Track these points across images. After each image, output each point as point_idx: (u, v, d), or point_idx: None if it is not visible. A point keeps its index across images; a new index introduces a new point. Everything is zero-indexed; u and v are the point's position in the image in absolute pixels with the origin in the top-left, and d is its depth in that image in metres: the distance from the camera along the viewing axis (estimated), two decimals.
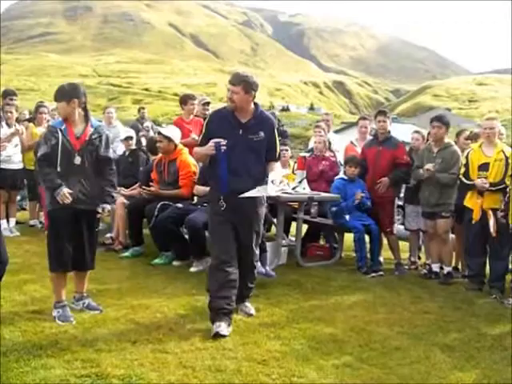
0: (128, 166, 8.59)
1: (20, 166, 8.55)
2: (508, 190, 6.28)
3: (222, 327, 4.58)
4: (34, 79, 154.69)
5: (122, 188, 7.97)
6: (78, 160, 4.82)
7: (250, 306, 5.25)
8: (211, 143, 4.72)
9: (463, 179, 6.70)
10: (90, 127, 4.93)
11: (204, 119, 8.49)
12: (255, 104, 4.93)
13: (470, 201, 6.65)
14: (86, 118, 4.94)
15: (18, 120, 8.62)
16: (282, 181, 5.00)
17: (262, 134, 4.89)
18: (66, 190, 4.72)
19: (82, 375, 3.70)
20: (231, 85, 4.82)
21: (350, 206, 7.37)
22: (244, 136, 4.83)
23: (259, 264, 6.20)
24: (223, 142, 4.69)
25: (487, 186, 6.39)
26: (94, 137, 4.92)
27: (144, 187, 7.46)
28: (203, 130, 5.02)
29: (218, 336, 4.49)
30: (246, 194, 4.75)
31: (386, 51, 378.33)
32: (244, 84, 4.78)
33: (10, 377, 3.63)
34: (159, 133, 7.54)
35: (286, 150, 8.28)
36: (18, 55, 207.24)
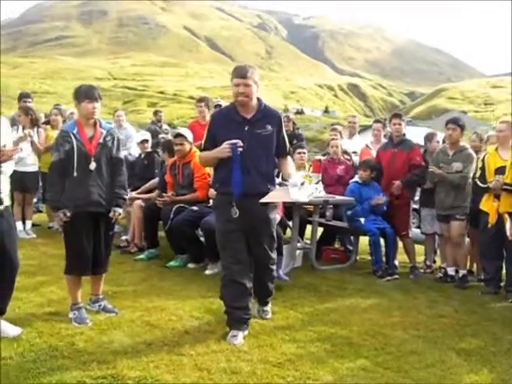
0: (143, 169, 8.62)
1: (32, 168, 8.54)
2: None
3: (239, 338, 4.53)
4: (50, 82, 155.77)
5: (132, 193, 8.04)
6: (93, 166, 4.82)
7: (268, 311, 5.20)
8: (225, 145, 4.52)
9: (478, 183, 6.67)
10: (101, 129, 4.93)
11: None
12: (258, 99, 4.74)
13: (486, 204, 6.61)
14: (95, 119, 4.95)
15: (34, 122, 8.63)
16: (304, 182, 4.80)
17: (269, 127, 4.68)
18: (63, 216, 4.74)
19: (97, 377, 3.71)
20: (241, 78, 4.56)
21: (365, 209, 7.35)
22: (251, 131, 4.61)
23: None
24: (240, 143, 4.50)
25: (501, 181, 6.34)
26: (107, 139, 4.93)
27: (159, 198, 7.46)
28: (206, 134, 4.77)
29: (234, 344, 4.45)
30: (272, 199, 4.65)
31: (400, 54, 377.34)
32: (254, 76, 4.61)
33: (26, 377, 3.66)
34: (179, 135, 7.47)
35: (304, 153, 8.21)
36: (34, 58, 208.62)
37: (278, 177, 5.07)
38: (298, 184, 4.62)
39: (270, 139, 4.71)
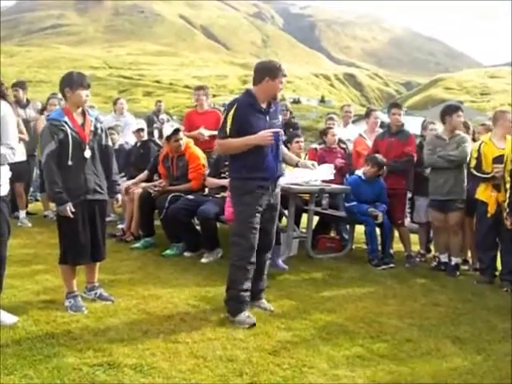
0: (139, 158, 8.61)
1: (21, 157, 8.44)
2: (508, 186, 6.22)
3: (251, 316, 4.72)
4: (45, 71, 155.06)
5: (129, 182, 8.05)
6: (88, 153, 4.81)
7: (267, 303, 5.22)
8: (268, 133, 4.70)
9: (475, 172, 6.67)
10: (90, 117, 4.92)
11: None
12: None
13: (484, 194, 6.60)
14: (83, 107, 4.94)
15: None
16: (314, 163, 5.39)
17: (280, 118, 5.03)
18: (69, 208, 4.69)
19: (94, 364, 3.73)
20: (285, 77, 4.93)
21: (362, 210, 7.32)
22: (270, 122, 4.85)
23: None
24: (281, 132, 4.83)
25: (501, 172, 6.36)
26: (98, 126, 4.94)
27: (152, 187, 7.45)
28: (230, 121, 4.78)
29: (252, 326, 4.60)
30: (303, 180, 5.54)
31: (397, 43, 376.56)
32: None
33: (23, 365, 3.67)
34: (178, 130, 7.44)
35: (302, 142, 8.21)
36: (30, 47, 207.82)
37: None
38: (309, 165, 5.23)
39: (281, 129, 5.01)
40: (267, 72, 4.84)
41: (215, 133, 8.16)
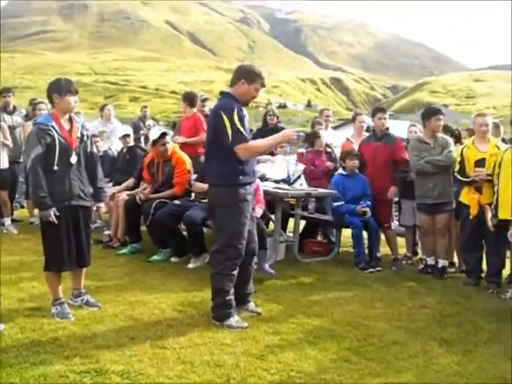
0: (126, 163, 8.58)
1: (4, 165, 8.41)
2: (495, 189, 6.27)
3: (240, 321, 4.75)
4: (30, 77, 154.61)
5: (114, 189, 8.02)
6: (74, 159, 4.80)
7: (254, 306, 5.20)
8: (291, 131, 4.79)
9: (459, 177, 6.71)
10: (77, 123, 4.91)
11: (205, 116, 8.55)
12: None
13: (467, 197, 6.66)
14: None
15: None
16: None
17: None
18: (52, 213, 4.65)
19: (81, 371, 3.71)
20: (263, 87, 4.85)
21: (349, 209, 7.35)
22: (248, 124, 4.82)
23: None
24: (302, 132, 4.89)
25: (485, 173, 6.40)
26: (84, 133, 4.94)
27: (139, 194, 7.41)
28: (240, 125, 4.59)
29: (244, 328, 4.64)
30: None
31: (383, 48, 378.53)
32: None
33: (9, 373, 3.64)
34: (165, 134, 7.42)
35: (288, 146, 8.22)
36: (14, 53, 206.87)
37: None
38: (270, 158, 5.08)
39: None
40: (245, 75, 4.73)
41: (188, 140, 8.29)
